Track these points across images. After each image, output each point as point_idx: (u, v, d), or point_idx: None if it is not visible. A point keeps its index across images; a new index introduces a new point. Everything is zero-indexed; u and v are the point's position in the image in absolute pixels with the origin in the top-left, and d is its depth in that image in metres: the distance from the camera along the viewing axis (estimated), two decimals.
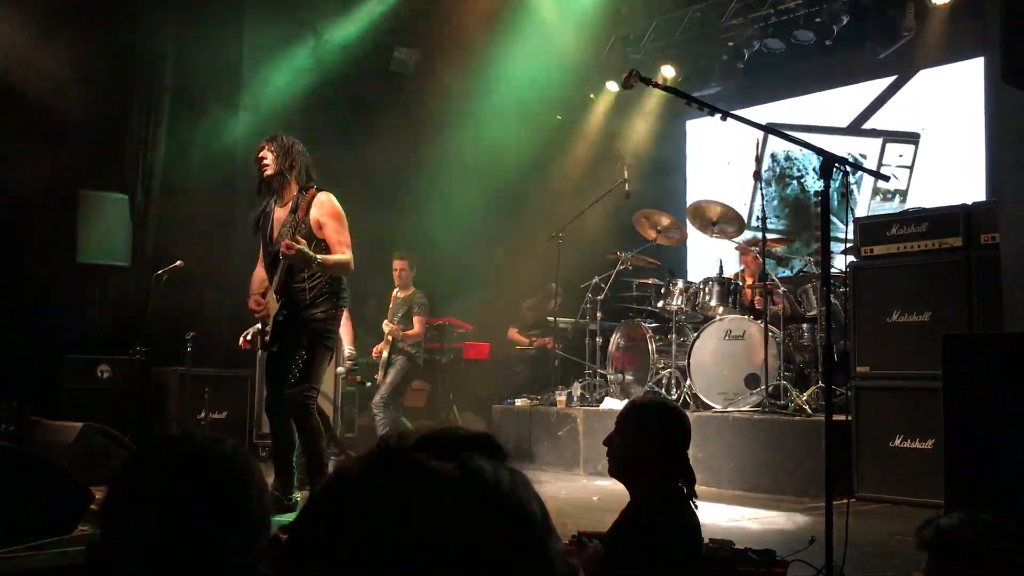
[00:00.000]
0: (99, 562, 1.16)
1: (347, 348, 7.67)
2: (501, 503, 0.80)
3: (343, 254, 4.91)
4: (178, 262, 7.31)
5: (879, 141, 9.37)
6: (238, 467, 1.23)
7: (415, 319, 8.05)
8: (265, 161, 4.96)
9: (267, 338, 5.05)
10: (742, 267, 8.15)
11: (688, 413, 6.85)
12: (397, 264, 8.18)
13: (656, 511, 2.55)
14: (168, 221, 8.55)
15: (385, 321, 8.06)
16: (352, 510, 0.79)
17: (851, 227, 6.09)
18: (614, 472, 2.69)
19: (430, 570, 0.75)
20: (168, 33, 8.45)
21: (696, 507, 2.66)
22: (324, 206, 4.93)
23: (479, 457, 0.83)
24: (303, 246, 4.71)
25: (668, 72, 10.09)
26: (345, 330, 7.36)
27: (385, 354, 8.04)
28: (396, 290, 8.28)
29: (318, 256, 4.79)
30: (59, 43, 7.45)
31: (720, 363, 7.10)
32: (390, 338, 8.04)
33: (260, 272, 5.21)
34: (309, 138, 5.46)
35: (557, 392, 8.13)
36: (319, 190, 4.98)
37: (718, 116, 3.62)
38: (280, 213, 5.03)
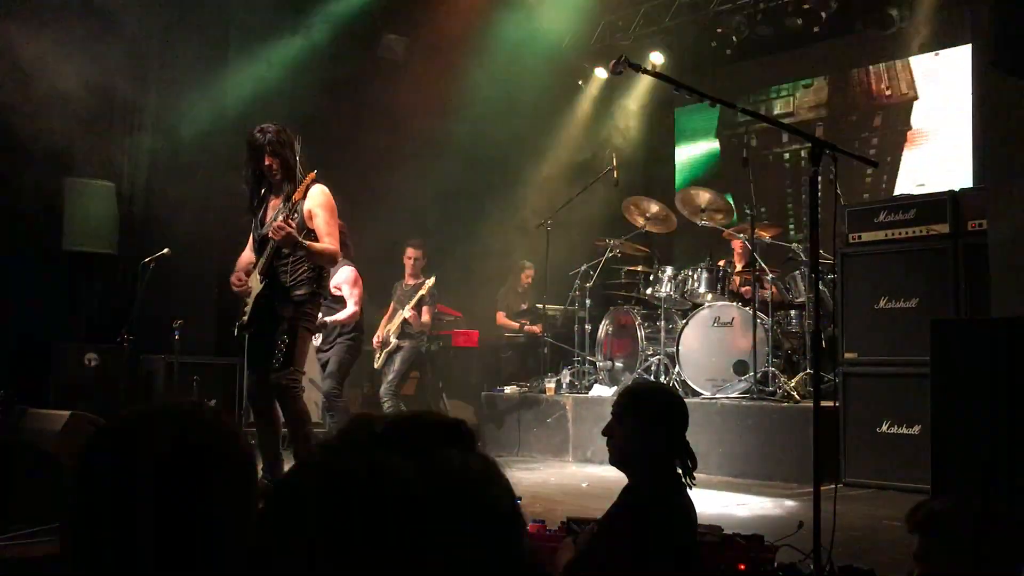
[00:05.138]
0: (73, 547, 1.14)
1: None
2: (465, 500, 0.80)
3: (330, 245, 4.96)
4: (165, 250, 7.26)
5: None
6: (222, 435, 1.20)
7: (424, 308, 8.04)
8: (273, 170, 5.00)
9: (245, 318, 5.07)
10: (730, 254, 8.18)
11: None
12: (412, 252, 8.22)
13: (654, 497, 2.54)
14: (155, 208, 8.49)
15: (407, 306, 8.01)
16: (312, 505, 0.79)
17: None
18: (616, 462, 2.65)
19: (391, 565, 0.75)
20: (155, 24, 8.39)
21: (692, 487, 2.65)
22: (318, 198, 5.01)
23: (446, 449, 0.83)
24: (293, 229, 4.79)
25: (657, 58, 10.08)
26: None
27: (393, 340, 8.04)
28: (405, 278, 8.28)
29: (305, 242, 4.84)
30: (47, 31, 7.38)
31: (708, 350, 7.12)
32: (398, 325, 8.03)
33: (247, 255, 5.26)
34: (296, 125, 5.43)
35: (546, 379, 8.14)
36: (315, 182, 5.03)
37: (707, 102, 3.60)
38: (275, 200, 5.08)
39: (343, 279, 6.99)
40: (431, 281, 7.97)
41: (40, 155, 7.46)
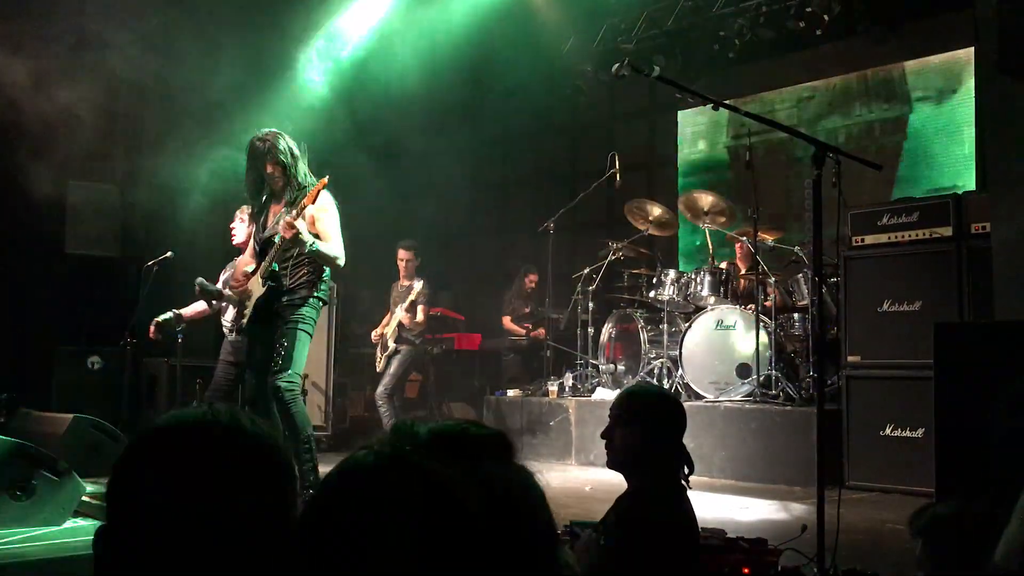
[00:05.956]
0: (108, 552, 1.13)
1: None
2: (508, 511, 0.80)
3: (336, 247, 4.97)
4: (168, 253, 7.27)
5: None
6: (262, 441, 1.19)
7: (419, 309, 8.04)
8: (275, 177, 5.02)
9: (244, 320, 5.08)
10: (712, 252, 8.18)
11: None
12: (403, 254, 8.22)
13: (655, 501, 2.53)
14: (158, 211, 8.51)
15: (400, 308, 8.00)
16: (361, 512, 0.78)
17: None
18: (615, 465, 2.65)
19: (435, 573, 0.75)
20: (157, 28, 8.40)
21: (688, 489, 2.64)
22: (321, 204, 5.02)
23: (489, 461, 0.83)
24: (303, 229, 4.80)
25: (659, 61, 10.07)
26: None
27: (391, 345, 8.03)
28: (400, 279, 8.28)
29: (316, 241, 4.86)
30: (50, 38, 7.40)
31: (711, 353, 7.11)
32: (394, 328, 8.02)
33: (245, 260, 5.29)
34: (297, 130, 5.45)
35: (549, 382, 8.13)
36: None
37: (710, 105, 3.60)
38: (276, 206, 5.09)
39: None
40: (419, 286, 7.95)
41: (44, 159, 7.48)
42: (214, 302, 6.35)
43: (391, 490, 0.79)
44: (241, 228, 6.11)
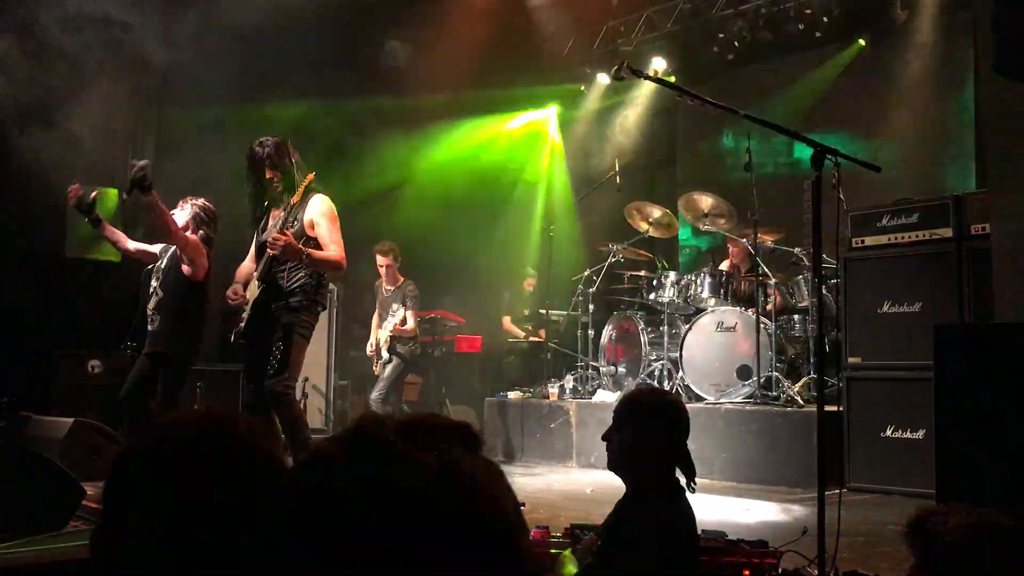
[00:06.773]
0: (104, 553, 1.13)
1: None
2: (477, 500, 0.80)
3: (334, 253, 4.95)
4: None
5: None
6: (252, 445, 1.19)
7: (408, 313, 7.99)
8: (274, 182, 5.04)
9: (242, 324, 5.08)
10: (731, 259, 8.18)
11: None
12: (382, 260, 8.06)
13: (653, 503, 2.53)
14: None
15: (390, 317, 7.97)
16: (328, 498, 0.78)
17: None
18: (614, 467, 2.66)
19: (402, 562, 0.75)
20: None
21: (693, 491, 2.64)
22: (319, 207, 5.02)
23: (457, 449, 0.83)
24: (291, 239, 4.78)
25: (659, 64, 10.08)
26: None
27: (385, 355, 8.01)
28: (382, 282, 8.20)
29: (306, 250, 4.84)
30: (50, 43, 7.40)
31: (712, 355, 7.11)
32: (387, 337, 7.99)
33: (247, 266, 5.27)
34: (298, 132, 5.46)
35: (549, 384, 8.13)
36: (315, 191, 5.03)
37: (709, 107, 3.60)
38: (276, 211, 5.10)
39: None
40: (399, 309, 7.88)
41: (44, 162, 7.48)
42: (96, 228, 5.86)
43: (354, 478, 0.79)
44: (180, 215, 5.86)
